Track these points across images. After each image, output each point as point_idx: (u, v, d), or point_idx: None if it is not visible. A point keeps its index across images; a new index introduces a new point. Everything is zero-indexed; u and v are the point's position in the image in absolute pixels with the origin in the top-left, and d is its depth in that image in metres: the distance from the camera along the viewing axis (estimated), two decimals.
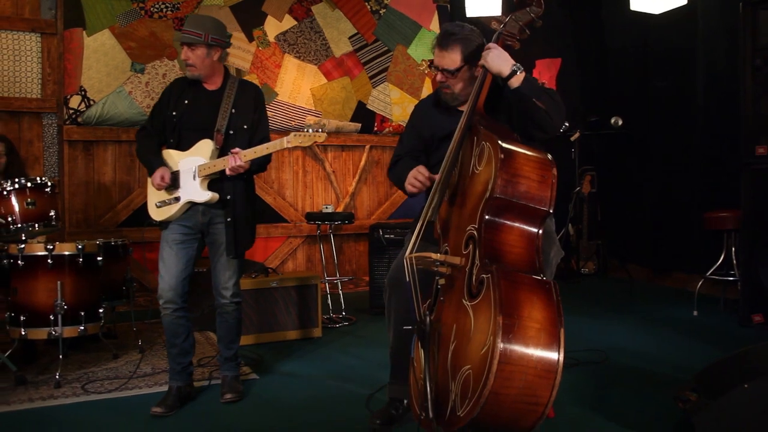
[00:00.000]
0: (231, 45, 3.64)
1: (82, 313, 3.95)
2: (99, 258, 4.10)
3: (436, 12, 7.23)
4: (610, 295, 6.53)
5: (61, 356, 3.88)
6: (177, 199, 3.45)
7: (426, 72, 7.17)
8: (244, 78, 6.27)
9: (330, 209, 5.74)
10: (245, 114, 3.50)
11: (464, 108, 2.97)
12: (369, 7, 6.94)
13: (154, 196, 3.53)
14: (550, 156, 2.48)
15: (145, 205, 5.96)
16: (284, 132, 3.59)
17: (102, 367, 4.19)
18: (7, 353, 3.94)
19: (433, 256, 2.55)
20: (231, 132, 3.45)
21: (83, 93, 5.89)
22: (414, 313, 2.67)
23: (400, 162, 3.19)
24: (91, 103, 5.91)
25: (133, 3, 6.06)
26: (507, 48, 2.79)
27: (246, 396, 3.62)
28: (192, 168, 3.42)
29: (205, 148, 3.42)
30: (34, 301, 3.88)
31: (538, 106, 2.68)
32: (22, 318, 3.87)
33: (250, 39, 6.42)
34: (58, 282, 3.85)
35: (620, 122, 6.92)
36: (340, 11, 6.82)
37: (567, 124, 6.76)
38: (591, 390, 3.68)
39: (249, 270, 4.78)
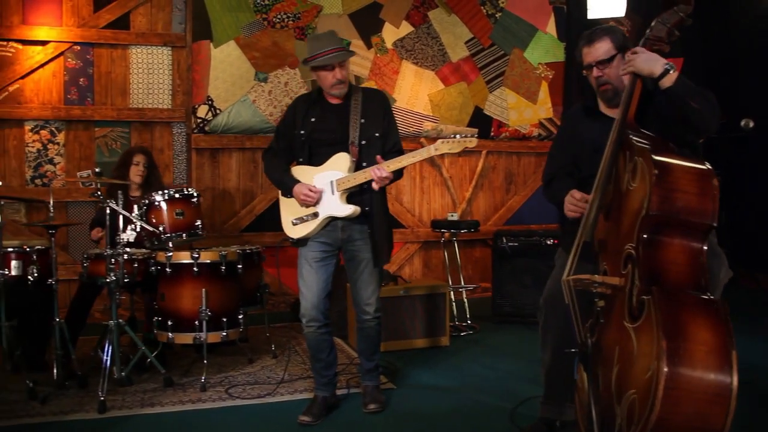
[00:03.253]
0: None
1: (225, 320, 4.07)
2: (239, 266, 4.21)
3: (552, 14, 7.08)
4: (741, 306, 6.20)
5: (205, 361, 4.01)
6: (315, 215, 3.43)
7: (542, 75, 7.04)
8: (363, 85, 6.36)
9: (455, 217, 5.72)
10: (375, 122, 3.46)
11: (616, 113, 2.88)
12: (485, 10, 6.87)
13: (289, 214, 3.52)
14: (708, 165, 2.36)
15: (267, 212, 6.25)
16: (402, 139, 3.60)
17: (240, 371, 4.31)
18: (154, 354, 4.10)
19: (591, 278, 2.47)
20: (363, 142, 3.42)
21: (210, 103, 6.09)
22: (573, 334, 2.61)
23: (554, 181, 3.09)
24: (218, 112, 6.10)
25: (257, 14, 6.21)
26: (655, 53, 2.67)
27: (387, 406, 3.63)
28: (328, 182, 3.40)
29: (341, 161, 3.40)
30: (180, 306, 4.03)
31: (693, 107, 2.53)
32: (169, 323, 4.03)
33: (369, 46, 6.48)
34: (203, 289, 3.98)
35: (751, 124, 6.57)
36: (456, 16, 6.78)
37: None
38: (748, 414, 3.48)
39: None
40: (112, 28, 6.01)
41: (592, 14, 6.23)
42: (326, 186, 3.41)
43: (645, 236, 2.26)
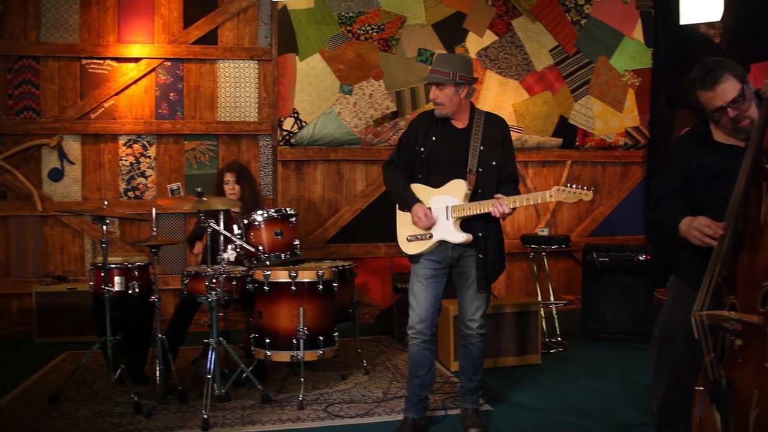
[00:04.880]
0: (477, 80, 3.60)
1: (321, 338, 4.09)
2: (335, 284, 4.24)
3: (639, 19, 6.89)
4: None
5: (302, 379, 4.06)
6: (430, 236, 3.47)
7: (629, 83, 6.86)
8: None
9: (545, 232, 5.63)
10: (494, 150, 3.47)
11: (735, 141, 2.77)
12: (570, 17, 6.74)
13: (405, 230, 3.57)
14: None
15: (351, 223, 6.29)
16: None
17: (334, 388, 4.33)
18: (250, 368, 4.16)
19: (728, 314, 2.37)
20: (480, 170, 3.42)
21: (296, 115, 6.16)
22: (693, 369, 2.52)
23: (663, 203, 2.98)
24: (303, 124, 6.16)
25: (341, 27, 6.25)
26: None
27: (487, 430, 3.59)
28: (444, 207, 3.42)
29: (458, 188, 3.41)
30: (277, 325, 4.06)
31: None
32: (267, 340, 4.08)
33: None
34: (301, 308, 4.02)
35: None
36: (540, 24, 6.68)
37: None
38: None
39: None
40: (201, 44, 6.16)
41: (685, 20, 6.03)
42: (441, 210, 3.45)
43: None
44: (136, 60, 6.06)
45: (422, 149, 3.51)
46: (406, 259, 3.64)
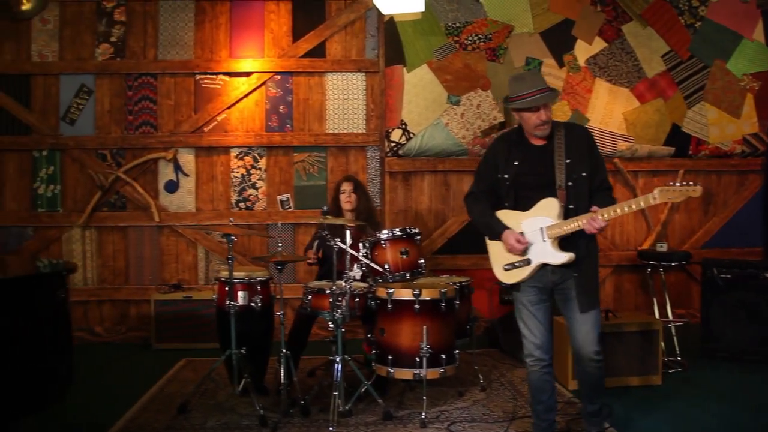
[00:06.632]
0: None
1: (443, 356, 4.10)
2: (456, 302, 4.23)
3: (761, 19, 6.57)
4: None
5: (425, 397, 4.07)
6: (527, 261, 3.35)
7: (747, 87, 6.57)
8: (556, 105, 6.23)
9: (664, 248, 5.45)
10: (581, 161, 3.33)
11: None
12: (683, 20, 6.50)
13: (500, 259, 3.47)
14: None
15: (459, 234, 6.27)
16: None
17: (453, 405, 4.33)
18: (370, 381, 4.21)
19: None
20: (570, 184, 3.30)
21: (404, 126, 6.18)
22: None
23: None
24: (411, 135, 6.18)
25: (449, 37, 6.23)
26: None
27: None
28: (538, 229, 3.32)
29: (551, 207, 3.29)
30: (400, 342, 4.08)
31: None
32: (389, 357, 4.10)
33: (561, 64, 6.31)
34: (424, 326, 4.02)
35: None
36: (651, 29, 6.46)
37: None
38: None
39: None
40: (310, 57, 6.27)
41: None
42: (536, 233, 3.34)
43: None
44: (247, 74, 6.22)
45: (506, 176, 3.43)
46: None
